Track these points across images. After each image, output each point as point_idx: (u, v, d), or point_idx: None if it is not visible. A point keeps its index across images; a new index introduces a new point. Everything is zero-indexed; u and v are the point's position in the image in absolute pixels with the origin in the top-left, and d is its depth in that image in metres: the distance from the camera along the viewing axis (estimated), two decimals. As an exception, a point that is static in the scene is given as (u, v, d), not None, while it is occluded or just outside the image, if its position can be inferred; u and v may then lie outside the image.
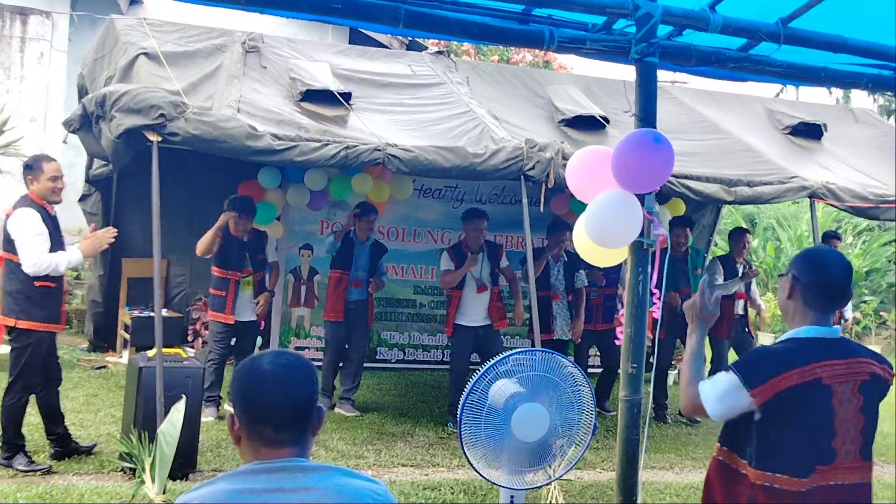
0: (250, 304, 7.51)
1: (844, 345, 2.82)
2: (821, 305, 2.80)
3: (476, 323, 7.70)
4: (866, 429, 2.77)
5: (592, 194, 3.95)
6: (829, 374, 2.71)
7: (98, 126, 6.12)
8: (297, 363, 2.01)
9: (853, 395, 2.73)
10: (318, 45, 8.98)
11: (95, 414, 7.12)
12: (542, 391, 4.19)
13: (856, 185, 7.89)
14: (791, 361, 2.72)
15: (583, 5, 3.84)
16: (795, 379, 2.68)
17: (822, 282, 2.79)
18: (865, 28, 4.17)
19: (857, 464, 2.77)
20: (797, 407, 2.70)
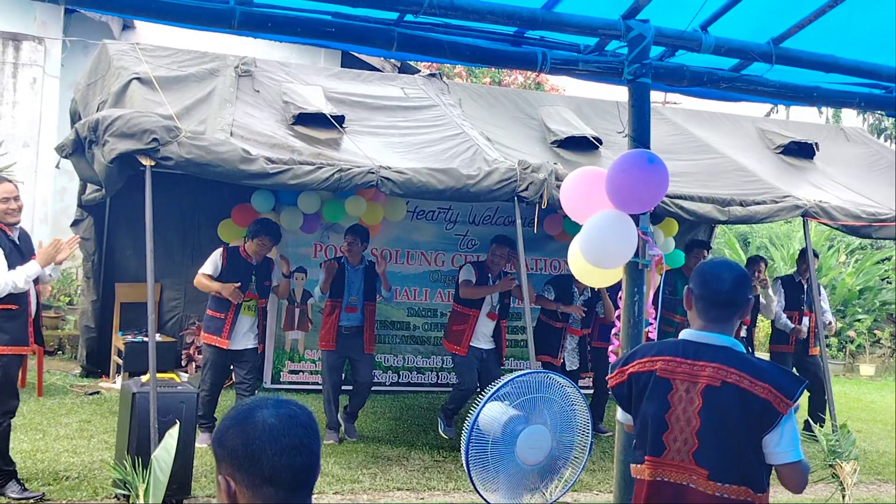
0: (251, 331, 7.21)
1: (714, 350, 2.82)
2: (707, 314, 2.89)
3: (483, 346, 7.74)
4: (704, 433, 2.77)
5: (587, 215, 3.95)
6: (667, 368, 2.86)
7: (91, 151, 6.11)
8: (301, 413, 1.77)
9: (695, 395, 2.79)
10: (311, 69, 9.01)
11: (89, 440, 7.06)
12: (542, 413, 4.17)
13: (848, 204, 7.92)
14: (638, 353, 2.99)
15: (575, 27, 3.87)
16: (636, 368, 2.94)
17: (706, 293, 2.89)
18: (856, 48, 4.20)
19: (689, 465, 2.80)
20: (637, 394, 2.94)
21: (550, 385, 4.19)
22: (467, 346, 7.65)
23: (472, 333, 7.66)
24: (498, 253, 7.68)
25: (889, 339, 15.25)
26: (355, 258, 7.71)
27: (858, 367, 14.78)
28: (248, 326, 7.22)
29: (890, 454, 8.20)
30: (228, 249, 7.33)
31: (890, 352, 15.25)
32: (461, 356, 7.71)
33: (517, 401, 4.13)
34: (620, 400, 3.05)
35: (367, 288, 7.74)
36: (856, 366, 14.85)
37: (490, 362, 7.73)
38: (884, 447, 8.51)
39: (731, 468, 2.75)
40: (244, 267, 7.19)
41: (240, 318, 7.15)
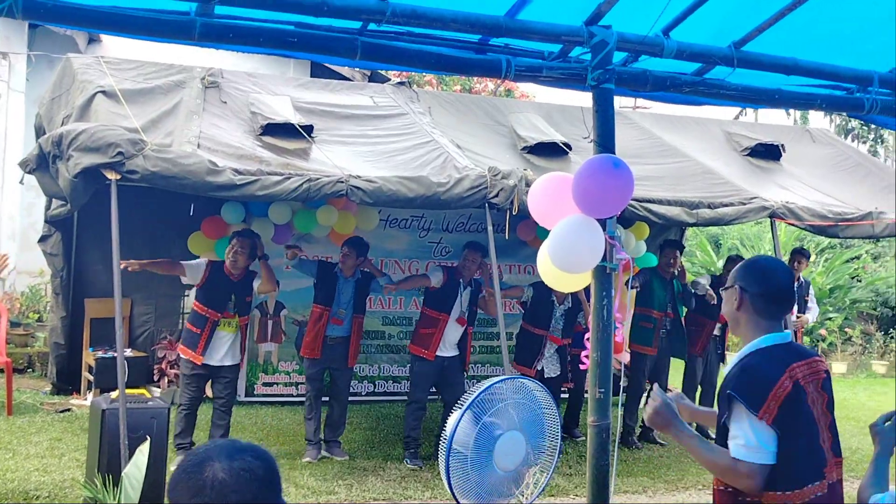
0: (229, 349, 7.08)
1: (799, 347, 2.91)
2: (772, 313, 2.85)
3: (446, 353, 7.62)
4: (832, 425, 2.83)
5: (554, 220, 3.95)
6: (800, 374, 2.75)
7: (55, 166, 6.06)
8: (259, 465, 1.62)
9: (818, 393, 2.78)
10: (279, 79, 8.98)
11: (60, 458, 6.97)
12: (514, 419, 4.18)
13: (815, 205, 8.00)
14: (773, 370, 2.73)
15: (538, 34, 3.87)
16: (787, 386, 2.70)
17: (770, 290, 2.84)
18: (817, 50, 4.24)
19: (834, 460, 2.81)
20: (795, 413, 2.70)
21: (522, 390, 4.19)
22: (435, 352, 7.53)
23: (441, 338, 7.56)
24: (470, 258, 7.64)
25: (860, 336, 15.41)
26: (348, 270, 7.58)
27: (830, 365, 14.92)
28: (227, 344, 7.09)
29: (863, 451, 8.27)
30: (213, 264, 7.26)
31: (861, 349, 15.41)
32: (423, 363, 7.57)
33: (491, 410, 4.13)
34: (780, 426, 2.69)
35: (357, 300, 7.62)
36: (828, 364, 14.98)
37: (451, 370, 7.64)
38: (857, 444, 8.58)
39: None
40: (224, 283, 7.11)
41: (217, 334, 7.05)
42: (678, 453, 8.24)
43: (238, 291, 7.14)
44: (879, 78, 4.39)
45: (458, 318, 7.63)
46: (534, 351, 8.08)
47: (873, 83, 4.39)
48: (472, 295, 7.68)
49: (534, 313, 8.11)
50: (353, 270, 7.58)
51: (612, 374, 4.01)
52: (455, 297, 7.61)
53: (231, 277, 7.11)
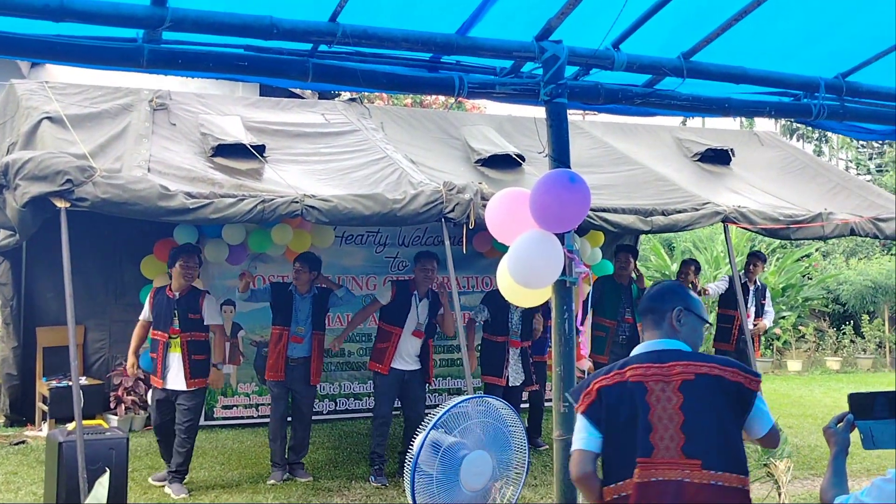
0: (180, 370, 6.92)
1: (674, 353, 3.00)
2: (643, 323, 3.16)
3: (405, 367, 7.52)
4: (689, 426, 2.87)
5: (513, 236, 3.96)
6: (638, 374, 2.94)
7: (2, 196, 5.93)
8: None
9: (673, 393, 2.89)
10: (228, 99, 8.90)
11: (16, 493, 6.80)
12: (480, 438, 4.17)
13: (766, 208, 8.12)
14: (597, 374, 3.04)
15: (490, 51, 3.89)
16: (603, 382, 2.97)
17: (640, 308, 3.23)
18: (764, 58, 4.32)
19: (680, 461, 2.86)
20: (610, 409, 2.94)
21: (486, 409, 4.18)
22: (389, 366, 7.43)
23: (395, 352, 7.45)
24: (428, 267, 7.56)
25: (813, 334, 15.67)
26: (303, 286, 7.46)
27: (786, 363, 15.15)
28: (177, 365, 6.95)
29: (822, 448, 8.40)
30: (157, 290, 7.19)
31: (815, 346, 15.67)
32: (382, 377, 7.50)
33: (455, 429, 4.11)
34: (595, 420, 2.96)
35: (316, 317, 7.48)
36: (783, 362, 15.21)
37: (413, 384, 7.56)
38: (815, 441, 8.72)
39: (721, 455, 2.88)
40: (165, 304, 7.02)
41: (169, 356, 6.95)
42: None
43: (180, 307, 7.00)
44: (826, 84, 4.49)
45: (413, 330, 7.53)
46: (499, 359, 7.99)
47: (820, 89, 4.48)
48: (430, 306, 7.60)
49: (492, 322, 8.07)
50: (309, 286, 7.47)
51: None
52: (408, 310, 7.53)
53: (169, 295, 7.02)
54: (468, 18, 3.88)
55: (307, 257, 7.58)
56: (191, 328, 7.01)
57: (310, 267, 7.46)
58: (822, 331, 16.07)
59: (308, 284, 7.47)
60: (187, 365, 6.95)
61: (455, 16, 3.87)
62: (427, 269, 7.54)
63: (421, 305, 7.58)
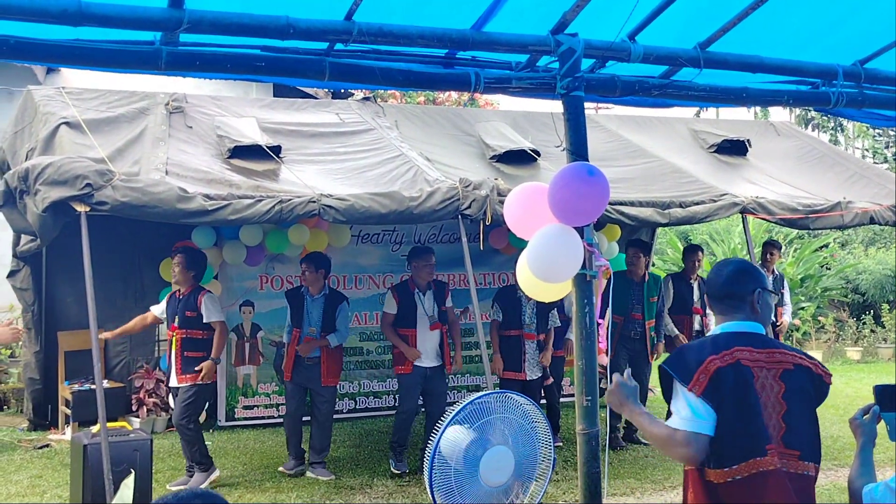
0: (174, 366, 7.14)
1: (763, 338, 3.02)
2: (722, 309, 3.09)
3: (427, 363, 7.60)
4: (788, 416, 2.89)
5: (531, 231, 3.95)
6: (748, 357, 2.91)
7: (23, 201, 5.97)
8: None
9: (774, 381, 2.90)
10: (243, 101, 8.93)
11: (41, 496, 6.86)
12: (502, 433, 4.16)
13: (784, 198, 8.08)
14: (706, 349, 2.95)
15: (505, 45, 3.88)
16: (717, 363, 2.89)
17: (712, 292, 3.14)
18: (781, 47, 4.29)
19: (780, 449, 2.87)
20: (729, 390, 2.87)
21: (508, 404, 4.18)
22: (412, 365, 7.55)
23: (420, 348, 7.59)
24: (423, 264, 7.65)
25: (833, 324, 15.57)
26: (314, 287, 7.54)
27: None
28: (172, 361, 7.16)
29: (844, 439, 8.35)
30: (172, 293, 7.35)
31: (835, 337, 15.58)
32: (405, 376, 7.61)
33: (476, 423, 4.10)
34: (714, 402, 2.87)
35: (326, 318, 7.54)
36: (803, 353, 15.13)
37: (435, 379, 7.65)
38: (837, 432, 8.67)
39: (813, 447, 2.94)
40: (172, 303, 7.27)
41: (172, 353, 7.20)
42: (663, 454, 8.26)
43: (181, 306, 7.18)
44: (844, 71, 4.45)
45: (429, 325, 7.63)
46: (516, 354, 8.00)
47: (838, 77, 4.44)
48: (434, 297, 7.71)
49: (505, 318, 8.07)
50: (320, 288, 7.54)
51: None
52: (415, 309, 7.63)
53: (177, 296, 7.23)
54: (483, 13, 3.88)
55: (312, 257, 7.68)
56: (185, 325, 7.14)
57: (315, 266, 7.51)
58: (842, 321, 15.97)
59: (317, 284, 7.52)
60: (179, 361, 7.09)
61: (470, 11, 3.87)
62: (420, 266, 7.67)
63: (426, 299, 7.66)
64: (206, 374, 7.10)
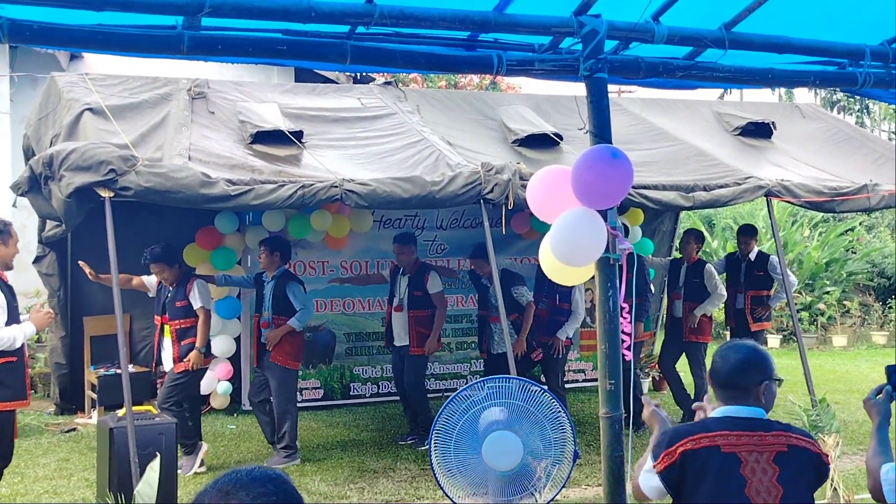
0: (168, 354, 7.17)
1: (760, 421, 2.88)
2: (720, 394, 2.96)
3: (398, 343, 8.04)
4: (787, 499, 2.76)
5: (555, 214, 3.94)
6: (730, 442, 2.80)
7: (47, 187, 6.01)
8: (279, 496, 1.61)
9: (768, 465, 2.78)
10: (265, 86, 8.94)
11: (69, 479, 6.94)
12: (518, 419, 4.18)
13: (810, 181, 8.00)
14: (683, 434, 2.86)
15: (528, 27, 3.86)
16: (689, 445, 2.81)
17: (713, 376, 2.99)
18: (808, 27, 4.24)
19: None
20: (696, 475, 2.79)
21: (527, 393, 4.20)
22: (389, 343, 8.11)
23: (390, 329, 8.09)
24: (398, 250, 8.04)
25: (858, 308, 15.43)
26: (268, 269, 7.52)
27: (831, 338, 14.94)
28: (168, 349, 7.20)
29: (869, 424, 8.27)
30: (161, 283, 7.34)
31: (860, 321, 15.43)
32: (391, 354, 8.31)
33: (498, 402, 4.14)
34: (669, 483, 2.85)
35: (276, 301, 7.42)
36: (828, 338, 15.00)
37: (405, 359, 8.01)
38: (862, 416, 8.58)
39: None
40: (162, 293, 7.28)
41: (163, 339, 7.27)
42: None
43: (170, 296, 7.19)
44: (871, 51, 4.39)
45: (395, 306, 8.02)
46: (482, 334, 8.52)
47: (865, 57, 4.38)
48: (410, 280, 7.94)
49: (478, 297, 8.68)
50: (275, 270, 7.48)
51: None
52: (394, 289, 8.08)
53: (168, 286, 7.22)
54: (505, -5, 3.85)
55: (268, 239, 7.76)
56: (175, 315, 7.15)
57: (270, 249, 7.47)
58: (868, 305, 15.80)
59: (272, 267, 7.47)
60: (176, 349, 7.13)
61: (492, -7, 3.84)
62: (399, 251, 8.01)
63: (401, 282, 8.00)
64: (194, 363, 7.03)
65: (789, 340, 14.32)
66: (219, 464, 7.46)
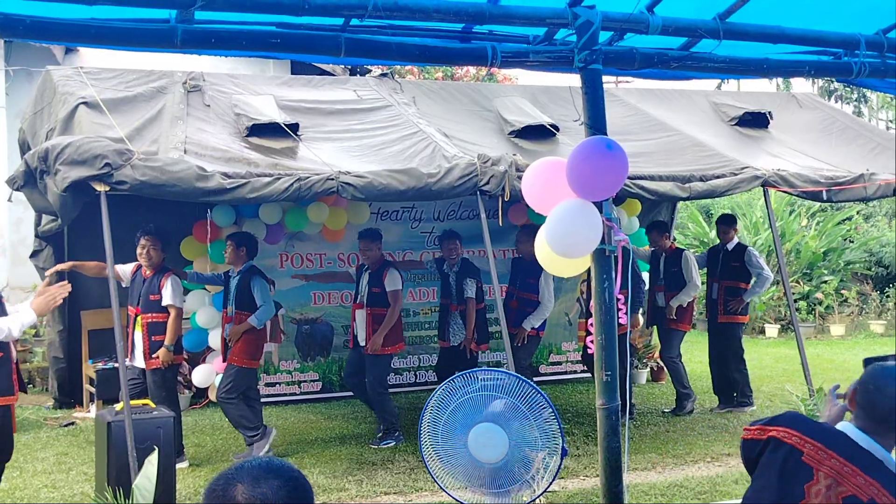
0: (140, 349, 7.07)
1: (868, 456, 2.59)
2: (862, 417, 2.68)
3: (361, 340, 7.87)
4: None
5: (550, 206, 3.94)
6: (815, 456, 2.60)
7: (43, 181, 6.01)
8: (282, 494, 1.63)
9: (836, 497, 2.55)
10: (261, 79, 8.92)
11: (67, 473, 6.95)
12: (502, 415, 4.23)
13: (806, 170, 8.00)
14: (785, 420, 2.73)
15: (522, 18, 3.85)
16: (780, 434, 2.69)
17: (866, 403, 2.67)
18: (803, 16, 4.23)
19: None
20: (768, 462, 2.70)
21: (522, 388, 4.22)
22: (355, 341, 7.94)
23: (356, 327, 7.91)
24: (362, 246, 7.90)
25: (856, 297, 15.45)
26: (235, 265, 7.44)
27: (829, 328, 14.96)
28: (139, 343, 7.08)
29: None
30: (137, 268, 7.25)
31: (858, 310, 15.46)
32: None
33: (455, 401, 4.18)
34: (747, 457, 2.79)
35: (240, 296, 7.35)
36: (826, 327, 15.03)
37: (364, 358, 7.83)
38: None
39: None
40: (137, 284, 7.17)
41: (135, 333, 7.12)
42: (684, 427, 8.26)
43: (145, 289, 7.08)
44: (866, 41, 4.38)
45: (356, 302, 7.93)
46: (441, 324, 8.56)
47: (860, 46, 4.37)
48: (371, 277, 7.82)
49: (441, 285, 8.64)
50: (241, 265, 7.40)
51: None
52: (359, 286, 7.95)
53: (144, 276, 7.13)
54: (499, -13, 3.84)
55: (235, 234, 7.64)
56: (148, 309, 7.06)
57: (237, 243, 7.40)
58: (866, 294, 15.83)
59: (238, 262, 7.40)
60: (146, 343, 7.02)
61: (486, -16, 3.83)
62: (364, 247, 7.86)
63: (363, 279, 7.91)
64: (163, 361, 6.96)
65: (787, 330, 14.34)
66: (218, 457, 7.48)
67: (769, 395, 9.64)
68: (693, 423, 8.48)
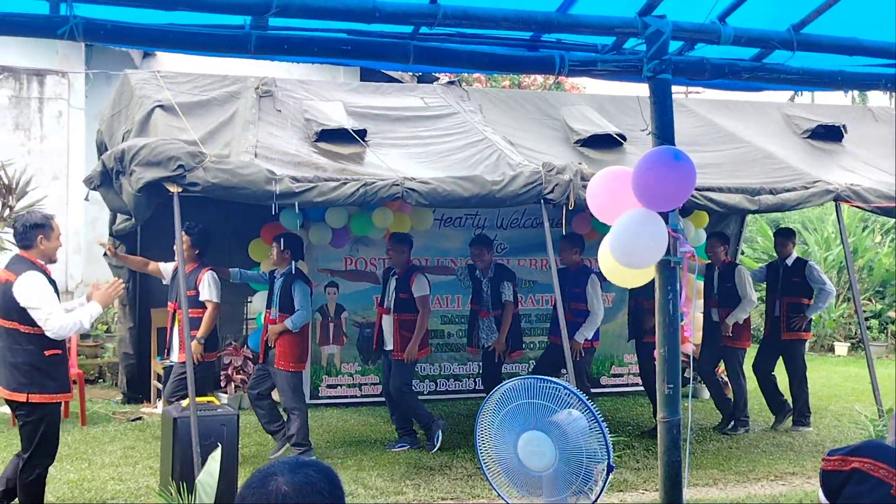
0: (176, 343, 7.20)
1: None
2: None
3: (387, 346, 7.85)
4: None
5: (615, 215, 3.92)
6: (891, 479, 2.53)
7: (118, 181, 6.18)
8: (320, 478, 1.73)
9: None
10: (331, 85, 9.05)
11: (133, 467, 7.12)
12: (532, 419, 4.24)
13: (880, 185, 7.81)
14: (865, 450, 2.64)
15: (591, 27, 3.85)
16: (863, 466, 2.58)
17: None
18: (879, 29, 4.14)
19: None
20: (852, 494, 2.59)
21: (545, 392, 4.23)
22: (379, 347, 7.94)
23: (379, 332, 7.90)
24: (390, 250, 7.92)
25: (931, 317, 15.00)
26: (280, 268, 7.45)
27: (902, 348, 14.55)
28: (175, 338, 7.24)
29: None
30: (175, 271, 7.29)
31: (933, 330, 14.99)
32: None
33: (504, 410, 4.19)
34: (829, 488, 2.66)
35: (283, 298, 7.35)
36: (899, 346, 14.62)
37: (391, 365, 7.84)
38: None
39: None
40: (175, 280, 7.18)
41: (174, 329, 7.28)
42: (747, 444, 8.11)
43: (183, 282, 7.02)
44: (946, 54, 4.27)
45: (384, 307, 7.91)
46: (472, 329, 8.49)
47: (940, 59, 4.27)
48: (398, 282, 7.76)
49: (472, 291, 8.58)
50: (285, 267, 7.40)
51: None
52: (385, 291, 7.93)
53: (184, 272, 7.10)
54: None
55: (281, 236, 7.54)
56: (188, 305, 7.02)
57: (281, 246, 7.39)
58: (942, 314, 15.35)
59: (283, 264, 7.40)
60: (182, 338, 6.98)
61: (555, -7, 3.84)
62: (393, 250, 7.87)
63: (390, 283, 7.85)
64: (195, 355, 6.94)
65: (857, 348, 13.98)
66: (260, 459, 7.58)
67: (837, 414, 9.41)
68: (757, 440, 8.32)
